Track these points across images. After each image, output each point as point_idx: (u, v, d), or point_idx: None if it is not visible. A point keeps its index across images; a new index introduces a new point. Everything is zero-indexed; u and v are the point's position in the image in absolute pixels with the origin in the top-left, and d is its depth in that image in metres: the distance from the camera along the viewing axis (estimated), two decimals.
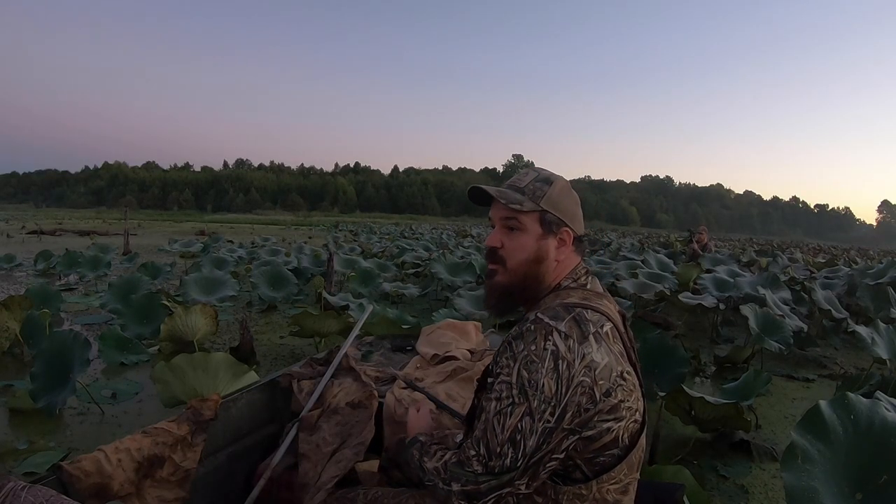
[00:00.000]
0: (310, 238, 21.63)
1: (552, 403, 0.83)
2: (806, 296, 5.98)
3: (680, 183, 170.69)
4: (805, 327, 4.63)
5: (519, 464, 0.84)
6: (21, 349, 3.94)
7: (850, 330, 4.70)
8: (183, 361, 2.50)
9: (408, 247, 13.49)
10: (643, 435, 0.94)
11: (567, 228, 1.04)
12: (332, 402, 1.81)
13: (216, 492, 1.66)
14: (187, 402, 1.63)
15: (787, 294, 5.38)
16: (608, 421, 0.86)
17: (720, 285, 5.75)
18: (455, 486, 0.89)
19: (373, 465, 1.64)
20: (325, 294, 5.14)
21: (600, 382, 0.85)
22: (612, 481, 0.90)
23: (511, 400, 0.85)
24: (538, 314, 0.90)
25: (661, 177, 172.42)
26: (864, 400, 1.42)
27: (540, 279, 1.03)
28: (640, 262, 7.94)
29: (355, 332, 2.18)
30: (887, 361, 3.24)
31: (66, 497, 1.01)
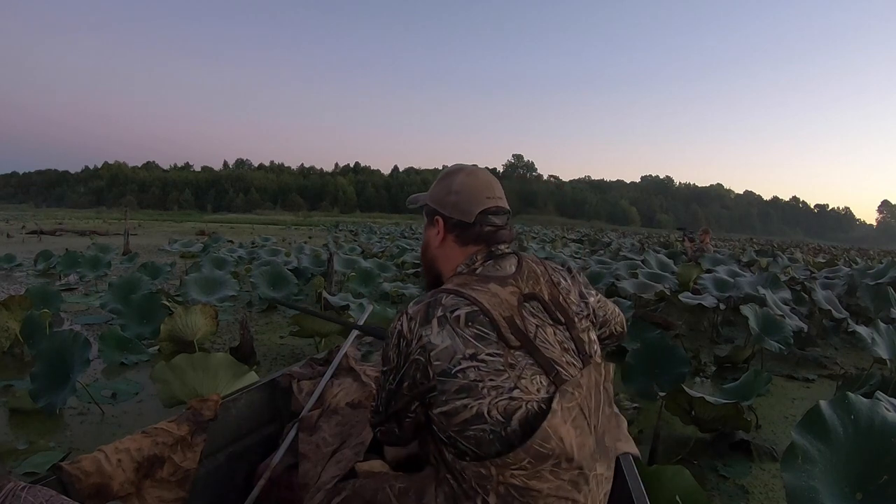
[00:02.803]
0: (310, 238, 21.64)
1: (394, 372, 1.00)
2: (806, 296, 5.98)
3: (680, 183, 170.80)
4: (805, 327, 4.63)
5: (381, 410, 1.06)
6: (21, 349, 3.94)
7: (850, 330, 4.71)
8: (183, 361, 2.50)
9: (408, 247, 13.49)
10: (563, 422, 0.90)
11: (438, 216, 1.11)
12: (332, 402, 1.81)
13: (216, 492, 1.66)
14: (187, 402, 1.63)
15: (787, 294, 5.37)
16: (461, 398, 0.91)
17: (720, 285, 5.75)
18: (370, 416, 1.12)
19: (373, 465, 1.64)
20: (325, 294, 5.13)
21: (435, 363, 0.93)
22: (515, 466, 0.89)
23: (382, 363, 1.05)
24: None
25: (661, 177, 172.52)
26: (864, 400, 1.42)
27: (430, 266, 1.16)
28: (640, 262, 7.94)
29: (355, 332, 2.18)
30: (887, 361, 3.24)
31: (66, 497, 1.01)
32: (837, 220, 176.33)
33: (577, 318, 1.06)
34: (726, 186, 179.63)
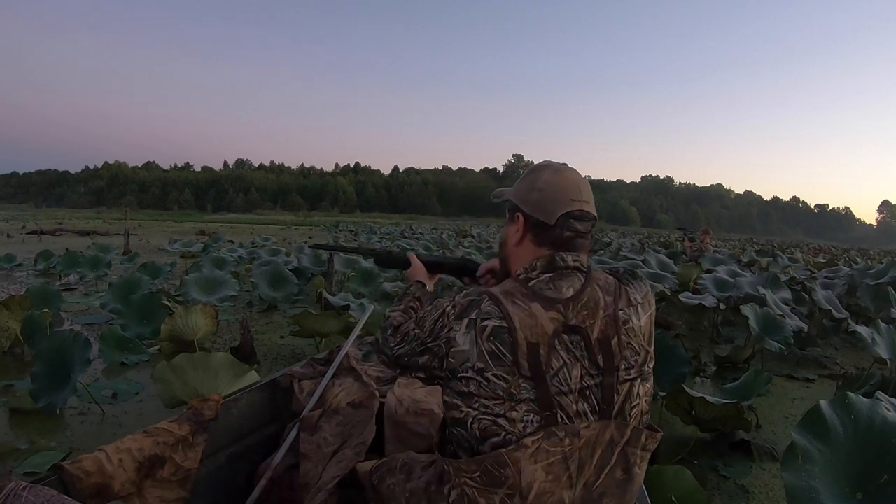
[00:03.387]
0: (310, 238, 21.64)
1: (420, 340, 1.03)
2: (806, 296, 5.99)
3: (680, 183, 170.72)
4: (805, 327, 4.63)
5: (389, 354, 1.13)
6: (21, 349, 3.94)
7: (850, 330, 4.71)
8: (184, 361, 2.50)
9: (408, 247, 13.48)
10: (530, 460, 0.87)
11: (519, 213, 1.06)
12: (333, 402, 1.81)
13: (217, 492, 1.66)
14: (188, 401, 1.63)
15: (787, 294, 5.37)
16: (456, 399, 0.95)
17: (720, 285, 5.75)
18: (379, 335, 1.18)
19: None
20: (325, 294, 5.14)
21: (450, 360, 0.95)
22: (468, 475, 0.91)
23: (418, 318, 1.08)
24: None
25: (661, 177, 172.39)
26: (865, 400, 1.43)
27: (505, 262, 1.13)
28: (640, 262, 7.93)
29: (356, 331, 2.18)
30: (887, 361, 3.24)
31: (67, 497, 1.01)
32: (837, 220, 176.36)
33: (626, 367, 0.95)
34: (726, 186, 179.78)
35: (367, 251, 1.64)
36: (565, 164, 1.09)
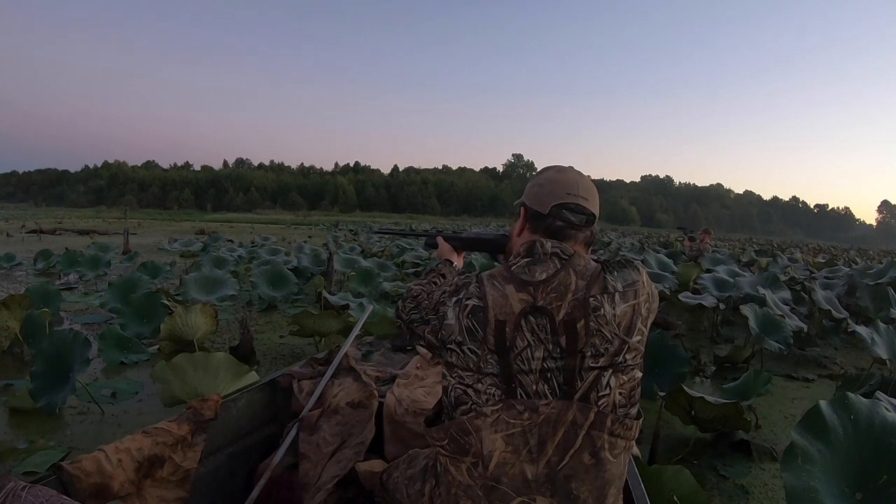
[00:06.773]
0: (310, 237, 21.61)
1: (429, 310, 1.11)
2: (806, 296, 5.98)
3: (680, 183, 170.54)
4: (805, 327, 4.63)
5: (403, 318, 1.20)
6: (21, 348, 3.94)
7: (850, 330, 4.71)
8: (183, 361, 2.49)
9: (408, 246, 13.48)
10: (490, 429, 0.94)
11: (523, 206, 1.13)
12: (333, 402, 1.81)
13: (217, 492, 1.66)
14: (188, 401, 1.63)
15: (787, 294, 5.38)
16: (445, 367, 1.04)
17: (720, 285, 5.75)
18: (399, 302, 1.25)
19: (373, 465, 1.65)
20: (325, 293, 5.13)
21: (442, 332, 1.04)
22: (439, 442, 1.01)
23: (432, 291, 1.16)
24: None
25: (661, 176, 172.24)
26: (864, 400, 1.42)
27: (510, 253, 1.18)
28: (640, 262, 7.92)
29: (355, 331, 2.18)
30: (887, 361, 3.24)
31: (66, 497, 1.01)
32: (837, 220, 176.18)
33: (593, 353, 0.94)
34: (726, 186, 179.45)
35: (421, 233, 1.72)
36: (571, 167, 1.15)
